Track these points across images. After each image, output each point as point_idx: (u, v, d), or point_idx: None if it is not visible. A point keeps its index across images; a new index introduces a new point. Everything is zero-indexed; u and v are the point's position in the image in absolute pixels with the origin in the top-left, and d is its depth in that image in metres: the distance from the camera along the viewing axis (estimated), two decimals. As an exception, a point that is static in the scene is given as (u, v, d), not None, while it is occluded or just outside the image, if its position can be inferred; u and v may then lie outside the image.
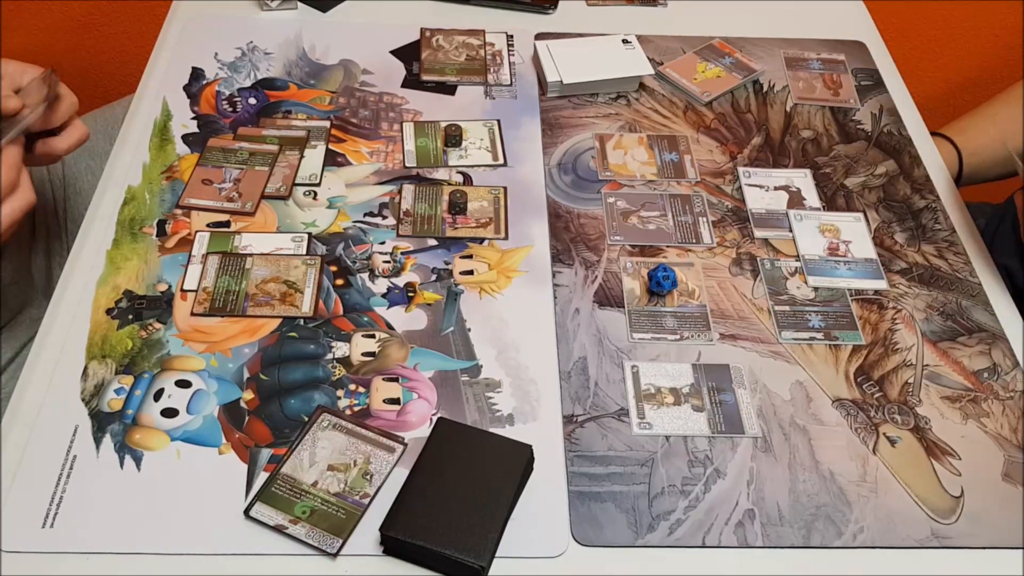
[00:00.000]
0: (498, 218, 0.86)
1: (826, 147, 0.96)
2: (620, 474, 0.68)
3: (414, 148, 0.92)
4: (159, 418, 0.69)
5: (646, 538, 0.65)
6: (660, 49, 1.06)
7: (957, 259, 0.85)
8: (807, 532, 0.66)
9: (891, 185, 0.92)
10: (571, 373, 0.74)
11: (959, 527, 0.66)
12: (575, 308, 0.79)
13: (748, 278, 0.82)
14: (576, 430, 0.70)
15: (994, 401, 0.74)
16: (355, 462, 0.67)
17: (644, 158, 0.93)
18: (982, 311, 0.81)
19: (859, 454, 0.70)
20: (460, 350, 0.75)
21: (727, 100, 1.01)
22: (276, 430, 0.69)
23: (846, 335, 0.78)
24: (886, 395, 0.74)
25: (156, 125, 0.92)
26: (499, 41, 1.06)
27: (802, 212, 0.88)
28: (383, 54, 1.02)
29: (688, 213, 0.88)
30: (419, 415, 0.70)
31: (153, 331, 0.74)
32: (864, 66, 1.06)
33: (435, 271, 0.81)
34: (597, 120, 0.97)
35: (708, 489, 0.67)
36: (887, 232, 0.88)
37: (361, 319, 0.77)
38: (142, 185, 0.86)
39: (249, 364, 0.73)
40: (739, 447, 0.70)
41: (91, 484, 0.65)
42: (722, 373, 0.75)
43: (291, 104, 0.96)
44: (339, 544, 0.62)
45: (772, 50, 1.07)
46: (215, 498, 0.65)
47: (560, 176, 0.91)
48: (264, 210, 0.85)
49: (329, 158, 0.90)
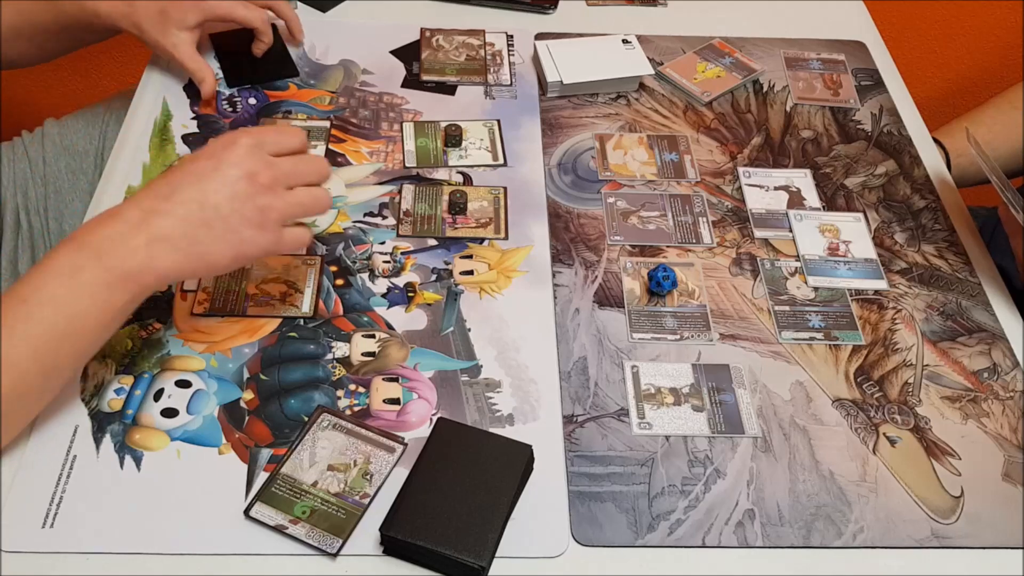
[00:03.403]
0: (498, 218, 0.86)
1: (826, 147, 0.96)
2: (620, 474, 0.68)
3: (414, 148, 0.92)
4: (159, 418, 0.69)
5: (646, 538, 0.65)
6: (660, 49, 1.06)
7: (957, 259, 0.85)
8: (807, 532, 0.66)
9: (891, 185, 0.92)
10: (571, 373, 0.74)
11: (959, 527, 0.66)
12: (575, 308, 0.79)
13: (748, 278, 0.82)
14: (576, 430, 0.70)
15: (994, 401, 0.74)
16: (355, 462, 0.67)
17: (644, 158, 0.93)
18: (982, 311, 0.81)
19: (859, 454, 0.70)
20: (460, 350, 0.75)
21: (727, 100, 1.01)
22: (276, 430, 0.69)
23: (846, 335, 0.78)
24: (886, 395, 0.74)
25: (156, 125, 0.92)
26: (499, 41, 1.06)
27: (802, 212, 0.88)
28: (383, 54, 1.02)
29: (688, 213, 0.88)
30: (419, 415, 0.70)
31: (153, 331, 0.74)
32: (864, 66, 1.06)
33: (435, 271, 0.81)
34: (597, 120, 0.97)
35: (708, 489, 0.67)
36: (887, 232, 0.88)
37: (361, 319, 0.77)
38: (142, 185, 0.86)
39: (249, 364, 0.73)
40: (739, 447, 0.70)
41: (91, 484, 0.65)
42: (722, 373, 0.75)
43: (291, 104, 0.96)
44: (339, 544, 0.62)
45: (772, 50, 1.07)
46: (215, 498, 0.65)
47: (560, 176, 0.91)
48: (264, 210, 0.85)
49: (329, 158, 0.90)
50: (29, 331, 0.60)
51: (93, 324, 0.62)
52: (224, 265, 0.65)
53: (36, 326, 0.60)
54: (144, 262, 0.62)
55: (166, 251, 0.63)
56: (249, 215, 0.64)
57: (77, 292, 0.61)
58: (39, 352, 0.60)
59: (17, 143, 1.03)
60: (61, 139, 1.03)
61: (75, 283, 0.61)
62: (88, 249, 0.62)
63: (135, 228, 0.62)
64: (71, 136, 1.03)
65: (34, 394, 0.63)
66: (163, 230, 0.63)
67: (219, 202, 0.63)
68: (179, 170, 0.65)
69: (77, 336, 0.62)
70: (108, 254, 0.62)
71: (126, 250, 0.62)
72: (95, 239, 0.62)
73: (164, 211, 0.63)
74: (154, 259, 0.62)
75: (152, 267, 0.63)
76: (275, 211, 0.65)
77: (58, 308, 0.61)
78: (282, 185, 0.66)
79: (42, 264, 0.62)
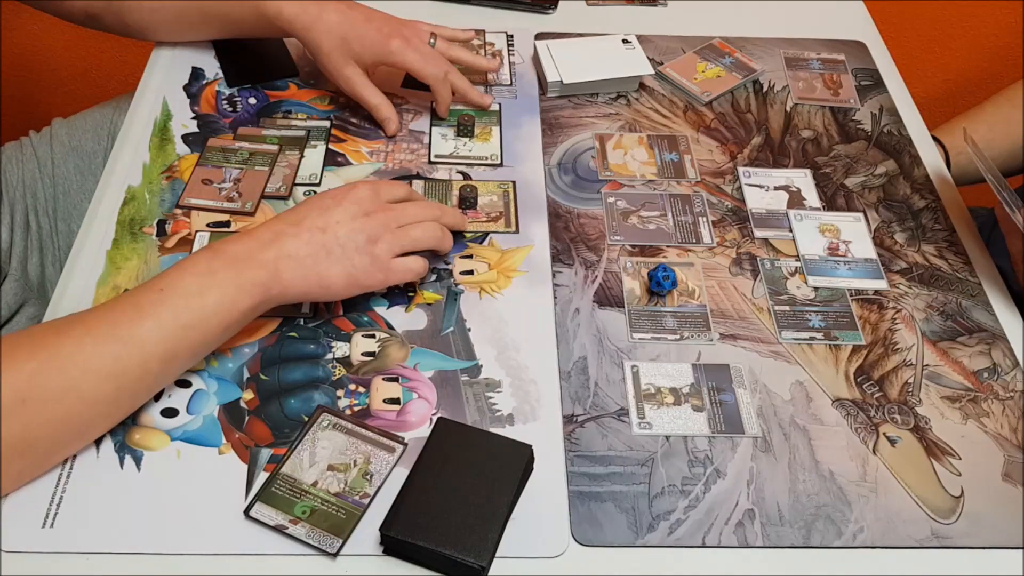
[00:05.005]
0: (508, 212, 0.86)
1: (826, 147, 0.96)
2: (620, 474, 0.68)
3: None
4: (159, 418, 0.69)
5: (646, 538, 0.65)
6: (660, 49, 1.06)
7: (957, 259, 0.85)
8: (807, 532, 0.66)
9: (891, 185, 0.92)
10: (571, 373, 0.74)
11: (959, 527, 0.66)
12: (575, 308, 0.79)
13: (748, 278, 0.82)
14: (576, 430, 0.70)
15: (994, 401, 0.74)
16: (355, 462, 0.67)
17: (644, 158, 0.93)
18: (982, 311, 0.81)
19: (859, 454, 0.70)
20: (460, 350, 0.75)
21: (727, 100, 1.01)
22: (276, 430, 0.69)
23: (846, 335, 0.78)
24: (886, 395, 0.74)
25: (156, 125, 0.92)
26: (499, 41, 1.06)
27: (802, 212, 0.88)
28: (383, 54, 1.02)
29: (688, 213, 0.88)
30: (419, 415, 0.70)
31: (153, 331, 0.74)
32: (864, 66, 1.06)
33: (435, 271, 0.81)
34: (597, 120, 0.97)
35: (708, 489, 0.67)
36: (887, 232, 0.88)
37: (361, 319, 0.77)
38: (142, 185, 0.86)
39: (249, 364, 0.73)
40: (739, 447, 0.70)
41: (91, 484, 0.65)
42: (722, 373, 0.75)
43: (291, 104, 0.96)
44: (339, 544, 0.62)
45: (772, 50, 1.07)
46: (215, 498, 0.65)
47: (560, 176, 0.91)
48: (264, 210, 0.85)
49: (329, 158, 0.90)
50: (160, 316, 0.64)
51: (218, 321, 0.67)
52: (339, 289, 0.72)
53: (166, 312, 0.65)
54: (272, 274, 0.69)
55: (291, 268, 0.70)
56: (362, 245, 0.72)
57: (209, 289, 0.66)
58: (165, 338, 0.64)
59: (25, 143, 1.03)
60: (69, 139, 1.02)
61: (209, 281, 0.67)
62: (224, 256, 0.68)
63: (267, 245, 0.70)
64: (79, 136, 1.03)
65: (151, 378, 0.66)
66: (290, 249, 0.70)
67: (339, 232, 0.72)
68: (308, 204, 0.74)
69: (201, 329, 0.66)
70: (241, 262, 0.68)
71: (257, 261, 0.69)
72: (231, 249, 0.69)
73: (292, 234, 0.71)
74: (280, 273, 0.69)
75: (278, 280, 0.69)
76: (385, 243, 0.73)
77: (189, 299, 0.66)
78: (394, 223, 0.75)
79: (181, 263, 0.68)
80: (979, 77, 1.73)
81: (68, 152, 1.02)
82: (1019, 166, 1.10)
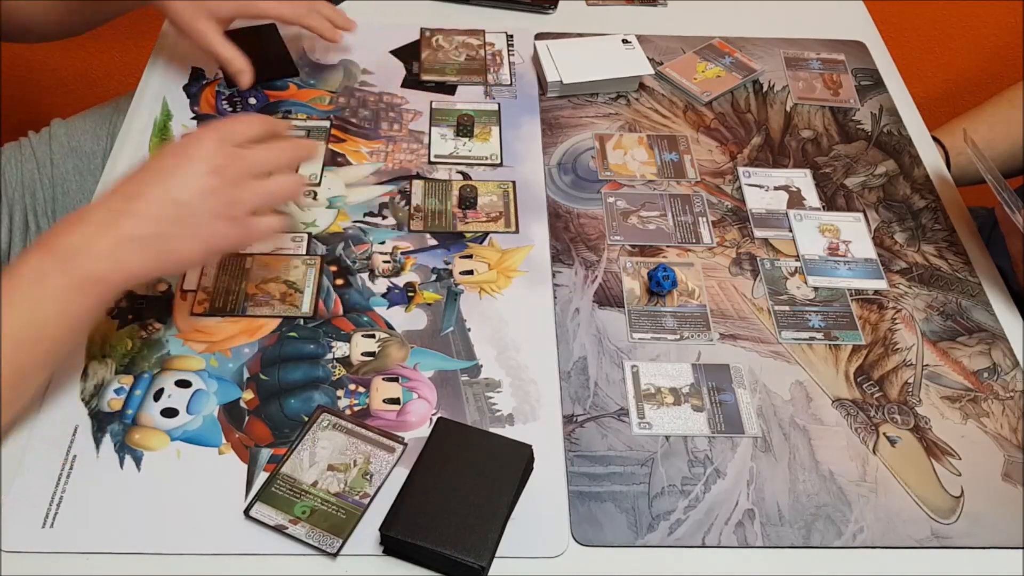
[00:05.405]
0: (508, 212, 0.86)
1: (826, 147, 0.96)
2: (620, 474, 0.68)
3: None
4: (159, 418, 0.69)
5: (646, 538, 0.65)
6: (660, 49, 1.06)
7: (957, 259, 0.85)
8: (807, 532, 0.66)
9: (891, 185, 0.92)
10: (571, 373, 0.74)
11: (959, 527, 0.66)
12: (575, 308, 0.79)
13: (748, 278, 0.82)
14: (576, 430, 0.70)
15: (994, 401, 0.74)
16: (355, 462, 0.67)
17: (644, 158, 0.93)
18: (982, 311, 0.81)
19: (859, 454, 0.70)
20: (460, 350, 0.75)
21: (727, 100, 1.01)
22: (276, 430, 0.69)
23: (846, 335, 0.78)
24: (886, 395, 0.74)
25: (156, 125, 0.92)
26: (499, 41, 1.06)
27: (802, 212, 0.88)
28: (383, 54, 1.02)
29: (688, 213, 0.88)
30: (419, 415, 0.70)
31: (153, 331, 0.74)
32: (864, 66, 1.06)
33: (435, 271, 0.81)
34: (597, 120, 0.97)
35: (708, 489, 0.67)
36: (887, 232, 0.88)
37: (361, 319, 0.77)
38: (142, 185, 0.86)
39: (249, 364, 0.73)
40: (739, 447, 0.70)
41: (91, 484, 0.65)
42: (722, 373, 0.75)
43: (291, 104, 0.96)
44: (339, 544, 0.62)
45: (772, 50, 1.07)
46: (215, 498, 0.65)
47: (560, 176, 0.91)
48: (264, 210, 0.85)
49: (329, 158, 0.90)
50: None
51: (60, 330, 0.62)
52: (195, 260, 0.67)
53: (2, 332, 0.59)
54: (111, 265, 0.62)
55: (134, 251, 0.62)
56: (217, 209, 0.64)
57: (42, 298, 0.61)
58: (9, 360, 0.60)
59: (24, 144, 1.03)
60: (68, 140, 1.03)
61: (41, 289, 0.61)
62: (54, 254, 0.62)
63: (102, 230, 0.62)
64: (78, 137, 1.03)
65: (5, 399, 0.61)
66: (131, 230, 0.62)
67: (187, 198, 0.63)
68: (146, 169, 0.65)
69: (45, 341, 0.62)
70: (74, 259, 0.61)
71: (92, 254, 0.62)
72: (62, 243, 0.62)
73: (132, 211, 0.63)
74: (121, 261, 0.62)
75: (119, 269, 0.63)
76: (243, 203, 0.65)
77: (23, 314, 0.60)
78: (250, 176, 0.66)
79: (11, 270, 0.61)
80: (979, 77, 1.73)
81: (67, 153, 1.02)
82: (1019, 167, 1.10)
